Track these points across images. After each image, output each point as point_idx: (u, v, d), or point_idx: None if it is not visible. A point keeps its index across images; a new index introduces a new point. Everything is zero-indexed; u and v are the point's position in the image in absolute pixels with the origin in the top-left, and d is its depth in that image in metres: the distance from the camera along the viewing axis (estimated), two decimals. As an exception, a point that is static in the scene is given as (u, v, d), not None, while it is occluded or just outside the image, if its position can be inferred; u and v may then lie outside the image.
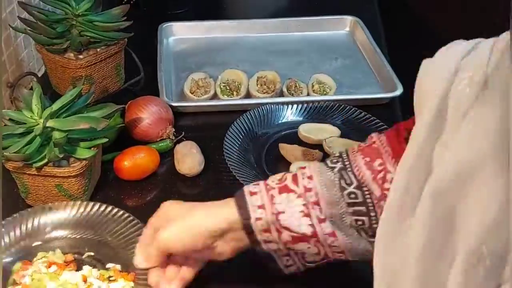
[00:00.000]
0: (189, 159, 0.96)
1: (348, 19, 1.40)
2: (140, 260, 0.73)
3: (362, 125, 1.06)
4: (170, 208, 0.73)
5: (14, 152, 0.82)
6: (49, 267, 0.77)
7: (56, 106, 0.85)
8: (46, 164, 0.84)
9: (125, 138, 1.01)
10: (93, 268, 0.77)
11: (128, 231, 0.81)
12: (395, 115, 1.14)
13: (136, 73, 1.17)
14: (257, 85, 1.17)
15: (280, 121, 1.08)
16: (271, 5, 1.55)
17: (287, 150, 1.00)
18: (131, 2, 1.41)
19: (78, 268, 0.78)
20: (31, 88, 0.88)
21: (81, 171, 0.85)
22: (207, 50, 1.32)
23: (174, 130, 1.03)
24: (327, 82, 1.18)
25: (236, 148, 1.00)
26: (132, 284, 0.75)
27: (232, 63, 1.26)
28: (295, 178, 0.69)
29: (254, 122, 1.06)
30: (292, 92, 1.16)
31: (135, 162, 0.95)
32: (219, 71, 1.20)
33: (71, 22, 1.03)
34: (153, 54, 1.24)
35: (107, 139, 0.89)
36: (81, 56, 1.06)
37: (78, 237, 0.82)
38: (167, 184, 0.96)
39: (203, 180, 0.97)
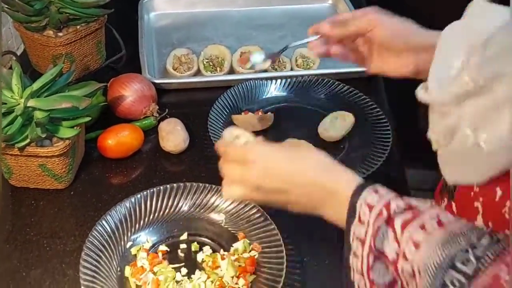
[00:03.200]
0: (173, 136, 0.96)
1: (331, -9, 1.39)
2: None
3: (345, 98, 1.07)
4: None
5: (-5, 133, 0.81)
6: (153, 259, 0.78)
7: (36, 85, 0.84)
8: (28, 144, 0.83)
9: (108, 116, 1.01)
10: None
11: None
12: (378, 88, 1.14)
13: (118, 50, 1.15)
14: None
15: (264, 96, 1.08)
16: (253, -21, 1.53)
17: (242, 121, 0.99)
18: (110, -23, 1.39)
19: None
20: (11, 67, 0.87)
21: (65, 150, 0.84)
22: (189, 26, 1.31)
23: (157, 107, 1.02)
24: (311, 56, 1.18)
25: (221, 124, 1.00)
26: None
27: (215, 39, 1.25)
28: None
29: (238, 98, 1.06)
30: (276, 67, 1.15)
31: (119, 140, 0.94)
32: (202, 47, 1.19)
33: (49, -1, 1.02)
34: (135, 30, 1.22)
35: (90, 118, 0.88)
36: (60, 34, 1.04)
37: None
38: (152, 162, 0.96)
39: (188, 156, 0.97)
